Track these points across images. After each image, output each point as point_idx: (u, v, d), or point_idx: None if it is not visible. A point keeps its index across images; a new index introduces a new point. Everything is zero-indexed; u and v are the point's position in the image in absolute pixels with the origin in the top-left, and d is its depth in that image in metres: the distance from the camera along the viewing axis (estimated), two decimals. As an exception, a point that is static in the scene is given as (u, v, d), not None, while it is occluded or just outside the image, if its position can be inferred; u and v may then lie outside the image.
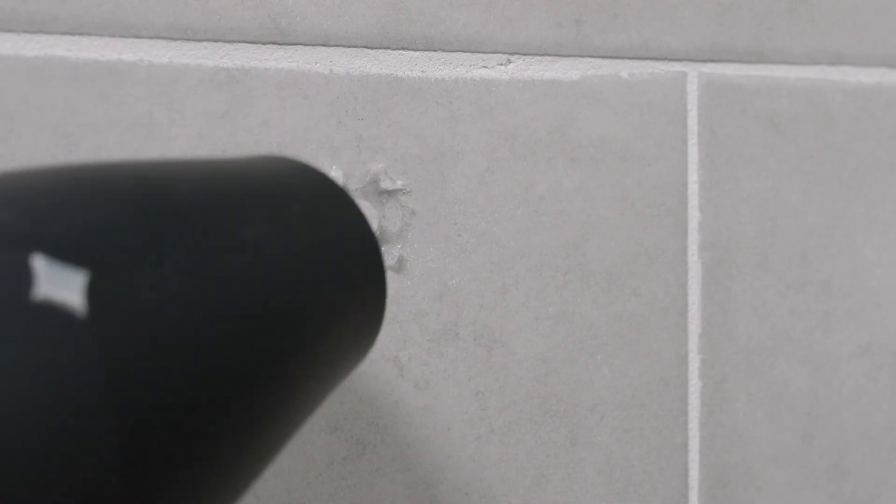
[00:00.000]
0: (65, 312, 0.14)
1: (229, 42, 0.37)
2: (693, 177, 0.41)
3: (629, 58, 0.40)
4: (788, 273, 0.42)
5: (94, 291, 0.14)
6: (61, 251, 0.14)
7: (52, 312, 0.14)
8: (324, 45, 0.37)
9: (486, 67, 0.39)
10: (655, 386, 0.41)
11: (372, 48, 0.37)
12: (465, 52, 0.38)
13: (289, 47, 0.37)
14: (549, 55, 0.39)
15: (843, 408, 0.43)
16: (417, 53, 0.38)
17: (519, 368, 0.40)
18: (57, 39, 0.35)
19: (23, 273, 0.13)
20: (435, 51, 0.38)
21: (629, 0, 0.41)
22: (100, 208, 0.15)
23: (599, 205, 0.40)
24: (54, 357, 0.13)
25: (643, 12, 0.41)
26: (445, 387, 0.39)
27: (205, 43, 0.37)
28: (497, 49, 0.39)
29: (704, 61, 0.41)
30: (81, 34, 0.36)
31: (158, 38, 0.36)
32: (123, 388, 0.14)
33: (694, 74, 0.41)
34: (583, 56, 0.40)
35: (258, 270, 0.18)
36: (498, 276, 0.39)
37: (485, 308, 0.39)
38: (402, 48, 0.38)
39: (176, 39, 0.36)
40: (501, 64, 0.39)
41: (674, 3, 0.42)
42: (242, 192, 0.19)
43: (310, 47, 0.37)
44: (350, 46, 0.37)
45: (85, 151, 0.36)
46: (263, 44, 0.37)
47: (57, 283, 0.14)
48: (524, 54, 0.39)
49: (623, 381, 0.41)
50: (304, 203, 0.21)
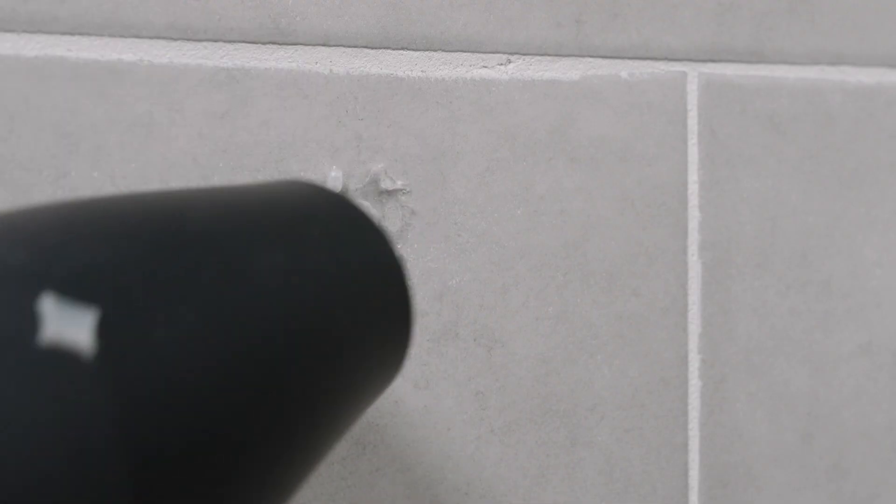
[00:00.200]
0: (74, 353, 0.13)
1: (229, 42, 0.37)
2: (693, 177, 0.41)
3: (629, 58, 0.40)
4: (788, 273, 0.42)
5: (104, 331, 0.14)
6: (71, 290, 0.14)
7: (60, 353, 0.13)
8: (324, 45, 0.37)
9: (486, 67, 0.39)
10: (655, 386, 0.41)
11: (372, 48, 0.37)
12: (465, 52, 0.38)
13: (289, 47, 0.37)
14: (549, 55, 0.39)
15: (843, 408, 0.43)
16: (417, 53, 0.38)
17: (519, 368, 0.39)
18: (57, 39, 0.35)
19: (32, 313, 0.13)
20: (435, 51, 0.38)
21: (629, 0, 0.41)
22: (110, 245, 0.15)
23: (599, 205, 0.40)
24: (63, 399, 0.13)
25: (643, 12, 0.41)
26: (445, 387, 0.39)
27: (205, 43, 0.36)
28: (497, 49, 0.39)
29: (704, 61, 0.41)
30: (81, 34, 0.35)
31: (158, 38, 0.36)
32: (135, 431, 0.14)
33: (694, 74, 0.41)
34: (583, 56, 0.40)
35: (274, 301, 0.17)
36: (498, 276, 0.39)
37: (485, 308, 0.39)
38: (402, 48, 0.37)
39: (176, 39, 0.36)
40: (501, 64, 0.39)
41: (674, 3, 0.41)
42: (257, 219, 0.19)
43: (310, 47, 0.37)
44: (350, 46, 0.37)
45: (85, 151, 0.36)
46: (263, 44, 0.37)
47: (66, 323, 0.14)
48: (524, 54, 0.39)
49: (623, 381, 0.41)
50: (323, 227, 0.21)
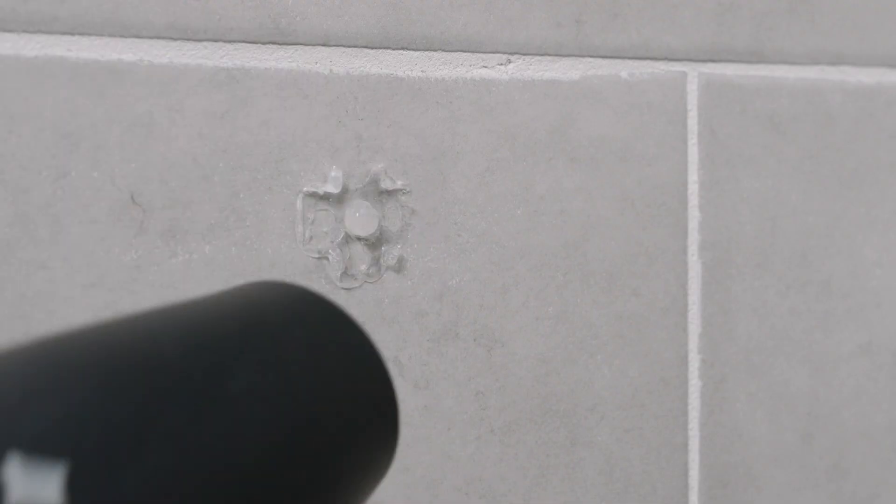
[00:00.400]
0: None
1: (229, 42, 0.36)
2: (693, 177, 0.41)
3: (629, 58, 0.40)
4: (788, 273, 0.42)
5: (72, 487, 0.13)
6: (37, 450, 0.13)
7: None
8: (324, 45, 0.37)
9: (486, 67, 0.38)
10: (655, 386, 0.41)
11: (372, 48, 0.37)
12: (465, 52, 0.38)
13: (289, 47, 0.37)
14: (549, 55, 0.39)
15: (843, 408, 0.43)
16: (417, 53, 0.37)
17: (519, 368, 0.39)
18: (57, 39, 0.35)
19: None
20: (435, 51, 0.38)
21: (629, 0, 0.41)
22: (75, 394, 0.15)
23: (599, 205, 0.40)
24: None
25: (643, 12, 0.41)
26: (445, 387, 0.39)
27: (205, 43, 0.36)
28: (497, 49, 0.38)
29: (704, 61, 0.41)
30: (81, 34, 0.35)
31: (158, 38, 0.36)
32: None
33: (694, 74, 0.41)
34: (583, 56, 0.39)
35: (253, 426, 0.17)
36: (498, 276, 0.39)
37: (485, 308, 0.39)
38: (403, 48, 0.37)
39: (176, 39, 0.36)
40: (501, 64, 0.38)
41: (674, 3, 0.41)
42: (230, 337, 0.18)
43: (310, 47, 0.37)
44: (350, 46, 0.37)
45: (85, 151, 0.36)
46: (263, 44, 0.37)
47: (33, 485, 0.13)
48: (524, 54, 0.39)
49: (623, 381, 0.41)
50: (299, 335, 0.20)
